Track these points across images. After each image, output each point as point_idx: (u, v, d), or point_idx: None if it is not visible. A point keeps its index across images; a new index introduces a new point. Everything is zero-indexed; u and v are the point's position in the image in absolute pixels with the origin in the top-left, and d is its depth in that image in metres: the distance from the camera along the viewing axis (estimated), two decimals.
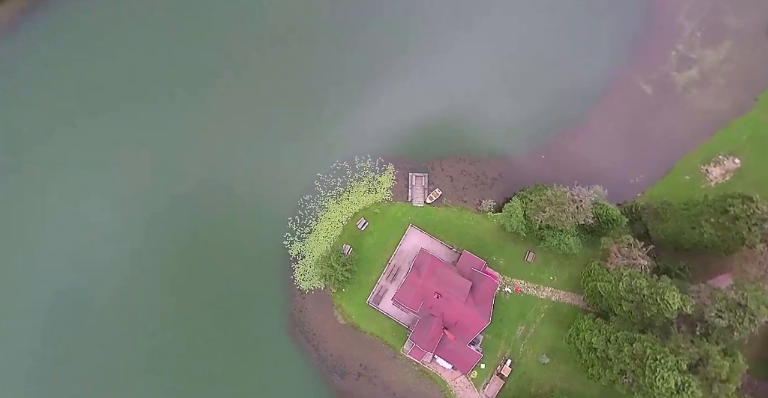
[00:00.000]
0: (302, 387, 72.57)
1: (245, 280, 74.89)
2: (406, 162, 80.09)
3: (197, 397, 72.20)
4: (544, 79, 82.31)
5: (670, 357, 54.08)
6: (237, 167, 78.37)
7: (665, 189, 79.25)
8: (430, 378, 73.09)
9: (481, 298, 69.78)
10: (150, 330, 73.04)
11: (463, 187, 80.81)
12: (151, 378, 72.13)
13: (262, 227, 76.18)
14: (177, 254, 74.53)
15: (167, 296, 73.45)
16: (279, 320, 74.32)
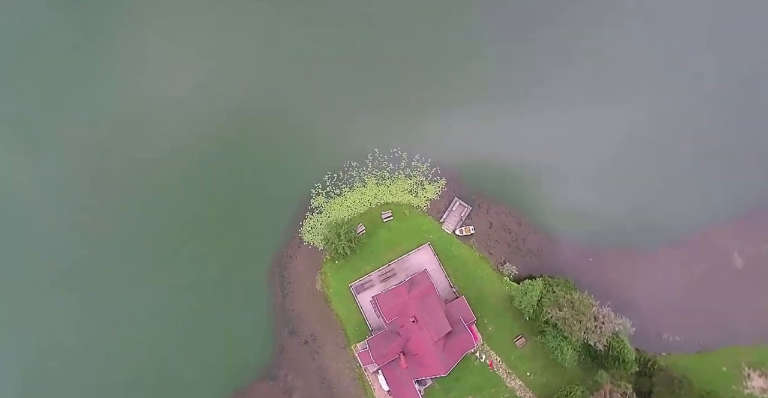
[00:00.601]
0: (252, 323, 72.70)
1: (262, 204, 75.80)
2: (458, 185, 77.60)
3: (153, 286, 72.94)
4: (644, 190, 77.69)
5: None
6: (313, 100, 79.83)
7: (694, 365, 69.82)
8: (362, 386, 71.07)
9: (452, 349, 66.14)
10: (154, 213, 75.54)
11: (497, 240, 76.57)
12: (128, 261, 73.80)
13: (301, 166, 76.80)
14: (220, 158, 77.09)
15: (192, 191, 75.90)
16: (267, 253, 74.31)
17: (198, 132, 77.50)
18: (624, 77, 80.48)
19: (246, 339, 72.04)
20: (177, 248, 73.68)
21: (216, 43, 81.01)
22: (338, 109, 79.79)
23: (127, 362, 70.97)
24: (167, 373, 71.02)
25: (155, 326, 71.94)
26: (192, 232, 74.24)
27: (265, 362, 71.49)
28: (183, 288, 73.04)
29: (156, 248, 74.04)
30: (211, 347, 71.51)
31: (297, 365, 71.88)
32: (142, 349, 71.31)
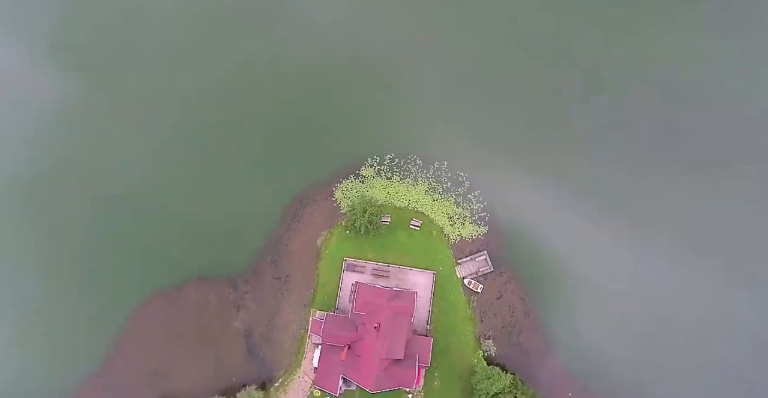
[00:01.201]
0: (249, 233, 74.07)
1: (324, 146, 77.23)
2: (495, 243, 74.11)
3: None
4: (671, 370, 69.03)
5: None
6: (427, 77, 79.94)
7: None
8: (298, 348, 70.18)
9: (391, 375, 63.55)
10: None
11: (495, 314, 72.43)
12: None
13: (375, 132, 77.19)
14: (311, 98, 79.15)
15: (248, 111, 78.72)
16: (300, 185, 75.48)
17: (307, 75, 79.77)
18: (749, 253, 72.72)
19: (233, 242, 73.63)
20: (241, 149, 77.00)
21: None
22: (445, 100, 78.44)
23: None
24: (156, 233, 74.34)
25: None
26: (262, 142, 77.64)
27: (237, 270, 72.43)
28: (221, 176, 76.21)
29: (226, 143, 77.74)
30: (207, 228, 74.06)
31: (259, 292, 72.07)
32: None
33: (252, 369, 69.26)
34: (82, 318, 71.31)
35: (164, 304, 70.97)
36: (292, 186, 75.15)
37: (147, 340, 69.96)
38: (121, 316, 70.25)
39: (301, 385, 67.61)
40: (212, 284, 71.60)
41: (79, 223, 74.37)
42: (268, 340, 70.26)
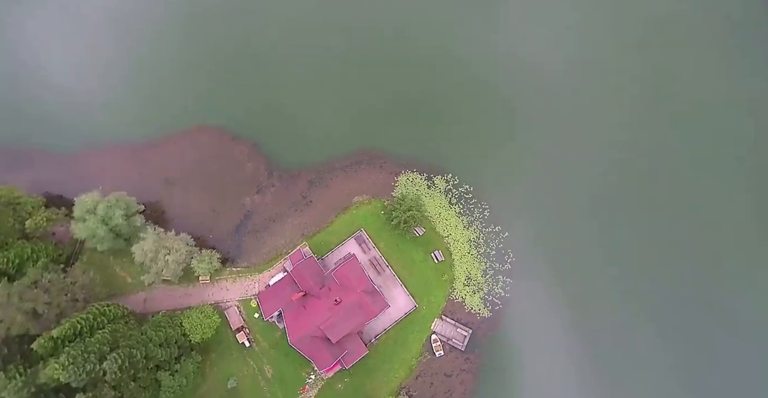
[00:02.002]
0: (318, 139, 77.68)
1: (436, 126, 78.36)
2: (486, 331, 70.49)
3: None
4: None
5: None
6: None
7: None
8: (268, 260, 72.57)
9: (314, 345, 63.87)
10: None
11: (432, 383, 68.66)
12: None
13: (475, 155, 77.11)
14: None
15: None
16: (390, 143, 77.36)
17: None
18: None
19: (305, 140, 77.59)
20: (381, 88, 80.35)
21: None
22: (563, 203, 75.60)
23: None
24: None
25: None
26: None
27: (283, 164, 76.49)
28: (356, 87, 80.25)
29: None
30: (302, 112, 78.47)
31: (282, 194, 75.31)
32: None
33: (227, 242, 73.34)
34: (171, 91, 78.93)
35: (216, 141, 76.88)
36: (382, 142, 76.60)
37: (181, 155, 76.69)
38: (181, 124, 77.36)
39: (247, 286, 70.45)
40: (258, 158, 76.45)
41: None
42: (255, 233, 73.57)
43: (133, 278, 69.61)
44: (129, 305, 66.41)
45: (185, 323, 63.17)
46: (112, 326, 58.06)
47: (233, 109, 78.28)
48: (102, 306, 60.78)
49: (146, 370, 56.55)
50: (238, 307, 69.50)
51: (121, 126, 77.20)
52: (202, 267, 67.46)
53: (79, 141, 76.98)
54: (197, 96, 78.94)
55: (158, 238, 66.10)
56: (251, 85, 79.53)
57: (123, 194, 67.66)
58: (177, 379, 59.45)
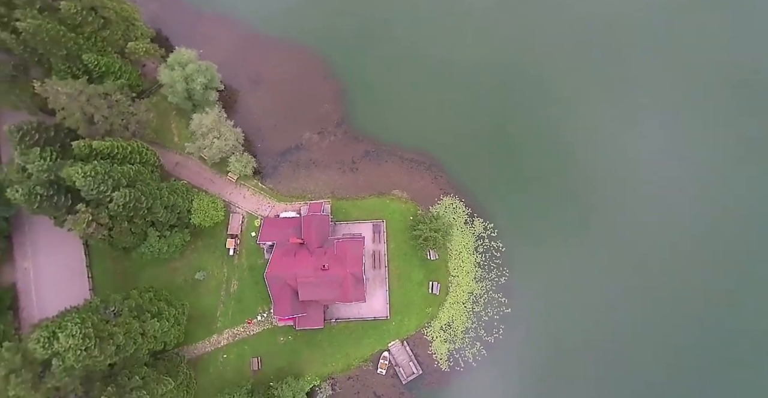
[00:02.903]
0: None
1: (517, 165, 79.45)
2: (435, 383, 71.56)
3: None
4: None
5: None
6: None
7: None
8: (296, 194, 76.74)
9: (283, 292, 66.63)
10: None
11: (357, 393, 71.70)
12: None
13: (523, 215, 76.88)
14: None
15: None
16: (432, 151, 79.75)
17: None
18: None
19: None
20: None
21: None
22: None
23: None
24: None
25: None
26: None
27: (325, 118, 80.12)
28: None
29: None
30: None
31: (312, 151, 78.57)
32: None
33: (268, 159, 78.00)
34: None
35: (313, 70, 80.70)
36: (451, 157, 77.73)
37: (279, 64, 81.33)
38: (299, 38, 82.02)
39: (261, 205, 74.75)
40: (338, 105, 79.55)
41: None
42: (296, 166, 77.45)
43: (180, 140, 75.15)
44: (163, 159, 71.94)
45: (195, 203, 67.80)
46: (139, 167, 63.07)
47: (349, 56, 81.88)
48: (143, 146, 66.17)
49: (143, 220, 61.17)
50: (243, 218, 73.88)
51: (255, 12, 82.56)
52: (236, 166, 72.28)
53: (212, 3, 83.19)
54: (327, 24, 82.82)
55: (218, 119, 71.19)
56: (378, 49, 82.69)
57: (214, 67, 72.77)
58: (161, 243, 64.11)
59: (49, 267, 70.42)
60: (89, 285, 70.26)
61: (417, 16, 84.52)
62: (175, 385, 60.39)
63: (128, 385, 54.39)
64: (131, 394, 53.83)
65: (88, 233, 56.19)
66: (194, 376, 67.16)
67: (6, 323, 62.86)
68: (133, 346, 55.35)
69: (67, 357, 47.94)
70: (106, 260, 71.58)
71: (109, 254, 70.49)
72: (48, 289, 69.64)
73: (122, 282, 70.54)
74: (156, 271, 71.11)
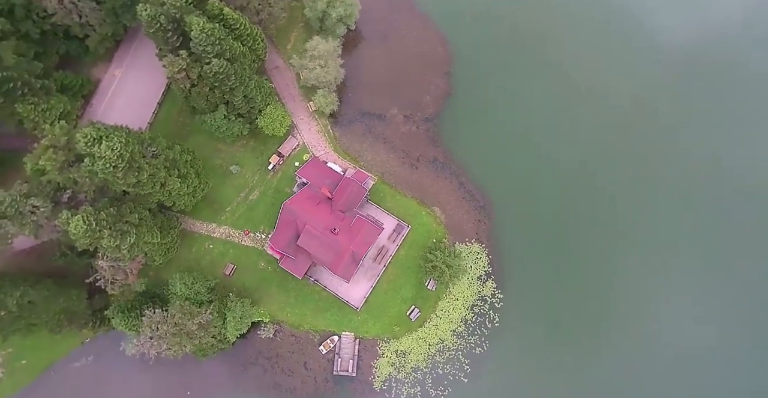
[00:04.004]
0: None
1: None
2: (360, 390, 73.28)
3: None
4: None
5: None
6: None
7: None
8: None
9: (289, 230, 69.59)
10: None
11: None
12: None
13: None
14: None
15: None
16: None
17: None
18: None
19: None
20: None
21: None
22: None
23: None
24: None
25: None
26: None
27: (419, 106, 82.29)
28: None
29: None
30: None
31: (388, 129, 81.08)
32: None
33: (348, 110, 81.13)
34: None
35: (441, 58, 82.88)
36: (508, 215, 78.35)
37: (414, 33, 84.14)
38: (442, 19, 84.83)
39: (318, 145, 77.99)
40: (437, 101, 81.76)
41: None
42: (367, 131, 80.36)
43: (291, 50, 79.36)
44: (268, 56, 75.25)
45: (269, 108, 70.99)
46: (246, 50, 66.43)
47: (475, 70, 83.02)
48: (260, 36, 69.86)
49: (221, 95, 64.72)
50: (298, 145, 77.06)
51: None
52: (320, 100, 75.14)
53: None
54: (477, 32, 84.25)
55: (332, 51, 74.36)
56: (505, 82, 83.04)
57: (357, 6, 76.24)
58: (223, 122, 68.01)
59: (131, 85, 76.34)
60: (149, 119, 75.82)
61: (561, 88, 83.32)
62: (160, 242, 64.12)
63: (126, 217, 58.07)
64: (123, 225, 57.29)
65: (175, 77, 59.97)
66: (177, 245, 70.74)
67: (74, 107, 67.73)
68: (150, 189, 59.21)
69: (97, 163, 51.96)
70: (174, 108, 76.58)
71: (179, 105, 75.30)
72: (119, 102, 75.71)
73: (174, 133, 75.29)
74: (204, 142, 75.37)
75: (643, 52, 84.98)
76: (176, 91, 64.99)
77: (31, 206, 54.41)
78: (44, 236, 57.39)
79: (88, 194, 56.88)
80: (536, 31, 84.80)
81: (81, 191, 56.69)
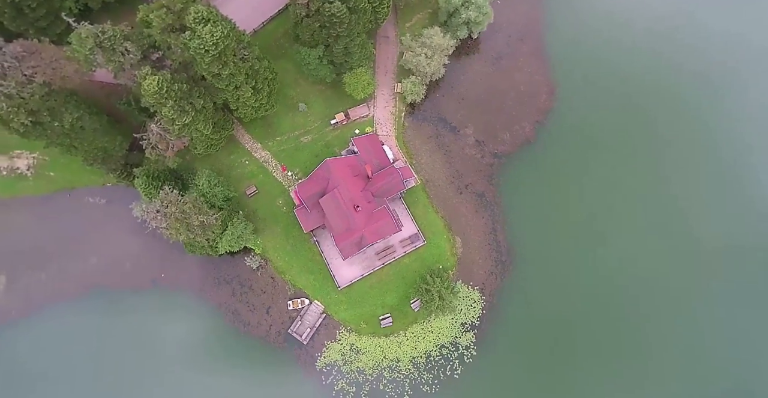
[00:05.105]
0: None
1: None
2: (305, 357, 74.62)
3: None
4: None
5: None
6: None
7: None
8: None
9: (317, 186, 72.38)
10: None
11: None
12: None
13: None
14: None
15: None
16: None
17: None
18: None
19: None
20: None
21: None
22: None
23: None
24: None
25: None
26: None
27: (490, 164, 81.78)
28: None
29: None
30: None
31: (463, 150, 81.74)
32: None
33: (430, 107, 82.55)
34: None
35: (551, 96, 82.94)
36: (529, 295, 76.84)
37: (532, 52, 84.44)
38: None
39: (386, 125, 79.62)
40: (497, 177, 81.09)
41: None
42: (443, 149, 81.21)
43: (408, 27, 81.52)
44: (383, 24, 77.84)
45: (360, 70, 73.40)
46: (368, 7, 68.22)
47: (574, 139, 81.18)
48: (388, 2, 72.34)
49: (331, 31, 66.45)
50: (367, 115, 79.06)
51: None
52: (408, 86, 76.42)
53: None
54: (595, 96, 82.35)
55: (444, 48, 75.31)
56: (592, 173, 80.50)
57: (489, 17, 76.72)
58: (314, 60, 70.60)
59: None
60: (256, 27, 78.39)
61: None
62: (208, 135, 68.39)
63: (192, 99, 61.52)
64: (186, 105, 60.95)
65: (296, 2, 62.89)
66: (221, 146, 74.39)
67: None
68: (224, 86, 62.77)
69: (194, 40, 55.20)
70: (281, 28, 78.80)
71: (286, 28, 77.82)
72: (239, 1, 77.78)
73: (269, 49, 77.29)
74: (290, 70, 77.80)
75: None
76: (291, 14, 67.69)
77: (125, 48, 58.36)
78: (122, 79, 62.00)
79: (174, 63, 60.61)
80: (649, 129, 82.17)
81: (170, 57, 60.26)
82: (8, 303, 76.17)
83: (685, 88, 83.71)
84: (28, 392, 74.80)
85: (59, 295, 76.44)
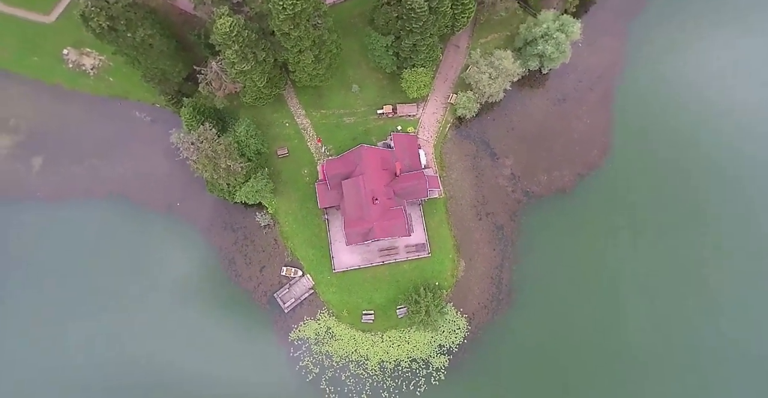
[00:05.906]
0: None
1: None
2: (282, 324, 76.75)
3: None
4: None
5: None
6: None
7: None
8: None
9: (343, 166, 74.92)
10: None
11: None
12: None
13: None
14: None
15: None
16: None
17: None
18: None
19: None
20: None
21: None
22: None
23: None
24: None
25: None
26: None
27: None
28: None
29: None
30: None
31: (502, 182, 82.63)
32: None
33: (481, 130, 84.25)
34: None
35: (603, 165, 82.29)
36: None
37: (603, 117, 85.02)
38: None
39: (430, 130, 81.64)
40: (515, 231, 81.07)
41: None
42: (474, 170, 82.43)
43: (482, 44, 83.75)
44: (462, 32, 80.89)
45: (423, 70, 75.40)
46: (449, 11, 70.56)
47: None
48: (471, 5, 73.16)
49: (401, 24, 69.19)
50: (413, 115, 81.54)
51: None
52: (461, 99, 78.46)
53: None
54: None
55: (511, 73, 76.80)
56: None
57: (567, 53, 77.30)
58: (381, 46, 73.37)
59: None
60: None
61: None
62: (260, 88, 71.97)
63: (256, 50, 65.22)
64: (249, 53, 64.31)
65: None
66: (268, 102, 77.75)
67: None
68: (289, 47, 66.46)
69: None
70: (359, 7, 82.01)
71: (363, 9, 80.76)
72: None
73: (341, 24, 79.74)
74: (355, 50, 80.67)
75: None
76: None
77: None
78: (200, 12, 66.66)
79: (251, 11, 64.65)
80: (692, 211, 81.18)
81: (249, 5, 64.34)
82: (37, 184, 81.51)
83: (742, 177, 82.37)
84: (16, 269, 78.74)
85: (83, 191, 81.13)
